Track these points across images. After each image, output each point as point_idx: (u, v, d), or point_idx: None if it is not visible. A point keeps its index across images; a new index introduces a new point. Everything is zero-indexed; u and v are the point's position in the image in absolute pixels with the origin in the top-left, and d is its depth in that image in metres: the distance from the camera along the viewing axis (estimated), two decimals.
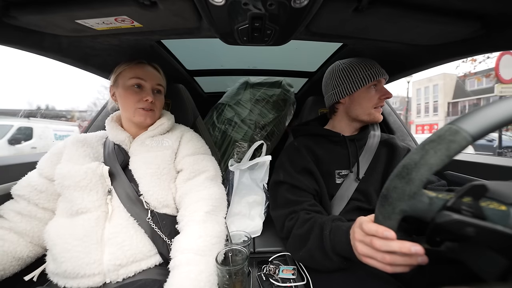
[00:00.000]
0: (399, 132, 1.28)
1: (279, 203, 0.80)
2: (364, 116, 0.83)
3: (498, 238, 0.31)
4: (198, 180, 0.76)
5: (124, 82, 0.78)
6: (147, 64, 0.82)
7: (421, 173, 0.35)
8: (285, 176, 0.81)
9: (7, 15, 0.54)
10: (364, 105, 0.82)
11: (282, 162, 0.86)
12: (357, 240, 0.48)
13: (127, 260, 0.62)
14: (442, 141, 0.33)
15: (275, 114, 1.42)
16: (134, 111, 0.78)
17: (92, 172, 0.68)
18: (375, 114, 0.82)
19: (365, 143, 0.87)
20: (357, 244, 0.48)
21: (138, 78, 0.77)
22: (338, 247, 0.58)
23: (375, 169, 0.83)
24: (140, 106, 0.77)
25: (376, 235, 0.42)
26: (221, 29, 0.62)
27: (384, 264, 0.43)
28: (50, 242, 0.64)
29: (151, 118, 0.80)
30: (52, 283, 0.63)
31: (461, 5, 0.54)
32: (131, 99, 0.77)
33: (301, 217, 0.70)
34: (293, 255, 0.76)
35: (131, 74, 0.77)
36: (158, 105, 0.82)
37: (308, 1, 0.49)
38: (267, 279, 0.72)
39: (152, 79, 0.80)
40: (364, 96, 0.82)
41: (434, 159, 0.34)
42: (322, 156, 0.83)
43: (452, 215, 0.34)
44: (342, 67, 0.85)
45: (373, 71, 0.79)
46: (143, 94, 0.77)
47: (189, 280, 0.55)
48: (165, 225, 0.70)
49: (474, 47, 0.69)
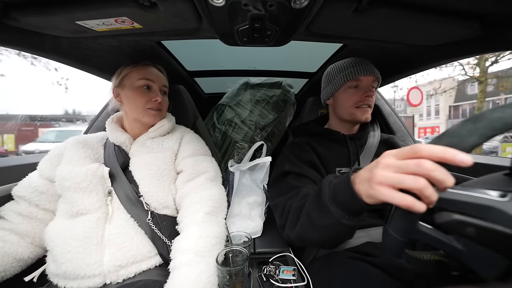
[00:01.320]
0: (400, 132, 1.28)
1: (283, 190, 0.74)
2: (346, 116, 0.85)
3: (498, 238, 0.31)
4: (198, 181, 0.76)
5: (132, 83, 0.78)
6: (152, 66, 0.83)
7: None
8: (291, 166, 0.78)
9: (7, 16, 0.54)
10: (345, 105, 0.84)
11: (286, 155, 0.84)
12: (383, 166, 0.37)
13: (127, 261, 0.62)
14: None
15: (275, 115, 1.42)
16: (143, 111, 0.79)
17: (93, 174, 0.68)
18: (356, 114, 0.82)
19: (365, 142, 0.88)
20: (378, 170, 0.37)
21: (147, 79, 0.79)
22: (339, 196, 0.49)
23: None
24: (149, 106, 0.79)
25: (436, 156, 0.32)
26: (221, 30, 0.62)
27: (407, 196, 0.33)
28: (51, 243, 0.64)
29: (159, 118, 0.83)
30: (52, 284, 0.63)
31: (460, 5, 0.54)
32: (141, 99, 0.78)
33: (302, 192, 0.66)
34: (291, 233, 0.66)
35: (139, 76, 0.79)
36: (164, 105, 0.84)
37: (308, 2, 0.49)
38: (268, 280, 0.71)
39: (159, 81, 0.82)
40: (343, 96, 0.84)
41: None
42: (322, 154, 0.83)
43: (452, 215, 0.34)
44: (329, 70, 0.89)
45: (350, 71, 0.80)
46: (152, 95, 0.79)
47: (189, 281, 0.55)
48: (165, 226, 0.70)
49: (474, 47, 0.69)
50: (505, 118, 0.31)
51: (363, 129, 0.91)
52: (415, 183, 0.32)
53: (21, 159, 0.91)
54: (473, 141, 0.32)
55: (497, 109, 0.32)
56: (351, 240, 0.73)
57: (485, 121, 0.32)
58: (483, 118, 0.32)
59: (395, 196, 0.34)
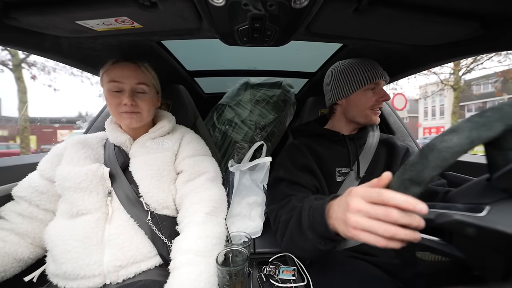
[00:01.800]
0: (400, 132, 1.28)
1: (277, 198, 0.78)
2: (360, 118, 0.84)
3: (498, 238, 0.31)
4: (198, 181, 0.76)
5: (105, 86, 0.74)
6: (125, 62, 0.75)
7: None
8: (285, 173, 0.80)
9: (8, 16, 0.54)
10: (360, 107, 0.83)
11: (283, 160, 0.86)
12: (354, 210, 0.41)
13: (127, 261, 0.62)
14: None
15: (275, 115, 1.42)
16: (118, 115, 0.75)
17: (93, 174, 0.68)
18: (371, 116, 0.83)
19: (365, 143, 0.88)
20: (351, 215, 0.41)
21: (115, 82, 0.72)
22: (316, 225, 0.53)
23: (375, 168, 0.83)
24: (121, 110, 0.73)
25: (399, 205, 0.35)
26: (221, 29, 0.62)
27: (381, 238, 0.37)
28: (50, 243, 0.64)
29: (137, 121, 0.76)
30: (52, 284, 0.63)
31: (460, 5, 0.54)
32: (112, 103, 0.73)
33: (291, 204, 0.68)
34: (280, 244, 0.71)
35: (108, 77, 0.73)
36: (143, 106, 0.75)
37: (308, 2, 0.49)
38: (267, 280, 0.71)
39: (131, 79, 0.73)
40: (360, 98, 0.82)
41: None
42: (322, 154, 0.84)
43: (452, 215, 0.34)
44: (341, 69, 0.85)
45: (370, 74, 0.79)
46: (122, 98, 0.72)
47: (189, 281, 0.55)
48: (165, 226, 0.70)
49: (474, 47, 0.69)
50: (452, 147, 0.32)
51: (362, 129, 0.91)
52: (386, 232, 0.36)
53: (21, 159, 0.91)
54: (429, 175, 0.34)
55: (445, 139, 0.33)
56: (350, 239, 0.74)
57: (436, 152, 0.33)
58: (433, 149, 0.34)
59: (371, 239, 0.39)
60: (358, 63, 0.83)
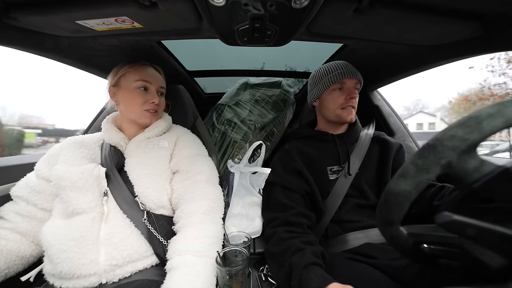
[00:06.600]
0: (400, 133, 1.28)
1: (270, 204, 0.84)
2: (333, 118, 0.89)
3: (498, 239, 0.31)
4: (195, 181, 0.75)
5: (128, 84, 0.77)
6: (150, 66, 0.82)
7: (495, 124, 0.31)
8: (274, 176, 0.85)
9: (8, 16, 0.54)
10: (331, 107, 0.88)
11: (273, 164, 0.90)
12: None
13: (123, 261, 0.62)
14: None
15: (275, 115, 1.42)
16: (140, 113, 0.78)
17: (89, 173, 0.68)
18: (342, 115, 0.86)
19: (356, 140, 0.90)
20: None
21: (144, 81, 0.77)
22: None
23: (368, 165, 0.86)
24: (146, 108, 0.78)
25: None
26: (221, 29, 0.62)
27: None
28: (46, 243, 0.64)
29: (155, 119, 0.82)
30: (49, 284, 0.62)
31: (460, 5, 0.54)
32: (137, 101, 0.77)
33: (278, 235, 0.70)
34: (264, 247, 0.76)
35: (136, 76, 0.77)
36: (161, 106, 0.83)
37: (308, 2, 0.49)
38: (267, 280, 0.71)
39: (157, 82, 0.81)
40: (329, 98, 0.88)
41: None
42: (313, 155, 0.87)
43: (453, 215, 0.34)
44: (314, 74, 0.93)
45: (334, 74, 0.84)
46: (149, 97, 0.78)
47: (187, 281, 0.54)
48: (161, 225, 0.70)
49: (474, 47, 0.69)
50: (401, 193, 0.36)
51: (351, 128, 0.94)
52: None
53: (20, 159, 0.91)
54: (396, 217, 0.39)
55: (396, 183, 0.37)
56: (350, 241, 0.74)
57: (393, 197, 0.37)
58: (391, 193, 0.38)
59: None
60: (327, 66, 0.89)
